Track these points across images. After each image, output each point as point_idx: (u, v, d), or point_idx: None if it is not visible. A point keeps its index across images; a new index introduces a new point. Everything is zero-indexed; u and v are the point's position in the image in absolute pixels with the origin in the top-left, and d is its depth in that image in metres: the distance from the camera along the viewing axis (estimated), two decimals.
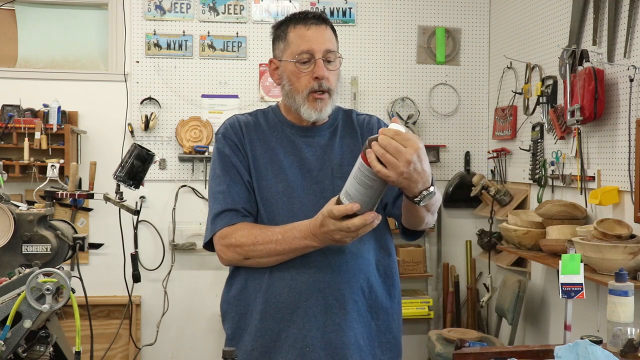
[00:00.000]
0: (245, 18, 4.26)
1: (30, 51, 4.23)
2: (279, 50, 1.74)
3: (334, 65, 1.71)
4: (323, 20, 1.72)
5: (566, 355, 1.59)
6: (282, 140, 1.75)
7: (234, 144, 1.74)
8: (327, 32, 1.71)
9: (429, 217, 1.65)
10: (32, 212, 2.41)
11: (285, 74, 1.73)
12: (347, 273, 1.66)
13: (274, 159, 1.72)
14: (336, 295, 1.65)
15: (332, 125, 1.79)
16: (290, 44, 1.70)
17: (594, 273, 2.65)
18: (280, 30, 1.74)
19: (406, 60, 4.40)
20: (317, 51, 1.68)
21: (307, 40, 1.68)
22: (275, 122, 1.79)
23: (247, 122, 1.78)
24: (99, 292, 3.99)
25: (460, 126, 4.45)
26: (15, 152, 3.91)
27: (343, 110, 1.86)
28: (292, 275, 1.65)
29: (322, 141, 1.76)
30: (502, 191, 3.96)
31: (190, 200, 4.24)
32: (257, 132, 1.77)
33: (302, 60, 1.68)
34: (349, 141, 1.78)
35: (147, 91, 4.19)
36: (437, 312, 4.40)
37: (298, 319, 1.65)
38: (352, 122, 1.82)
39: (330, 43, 1.71)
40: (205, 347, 4.26)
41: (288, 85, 1.72)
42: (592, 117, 2.91)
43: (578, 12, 3.19)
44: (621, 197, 2.87)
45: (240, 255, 1.66)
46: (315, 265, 1.65)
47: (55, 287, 1.61)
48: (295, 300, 1.65)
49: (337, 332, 1.65)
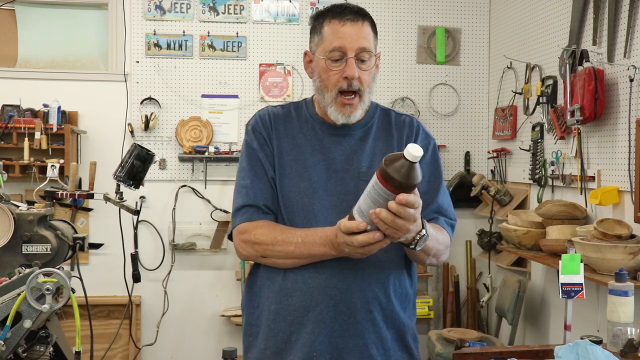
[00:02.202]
0: (245, 18, 4.26)
1: (30, 51, 4.23)
2: (314, 44, 1.69)
3: (368, 65, 1.65)
4: (361, 15, 1.64)
5: (566, 355, 1.59)
6: (310, 138, 1.71)
7: (262, 138, 1.71)
8: (364, 29, 1.63)
9: (431, 260, 1.66)
10: (32, 212, 2.41)
11: (317, 69, 1.67)
12: (361, 281, 1.63)
13: (299, 157, 1.68)
14: (347, 303, 1.63)
15: (367, 124, 1.73)
16: (324, 39, 1.64)
17: (594, 273, 2.65)
18: (317, 23, 1.68)
19: (406, 60, 4.40)
20: (349, 49, 1.61)
21: (340, 37, 1.61)
22: (306, 117, 1.74)
23: (277, 115, 1.74)
24: (99, 292, 3.99)
25: (460, 126, 4.45)
26: (15, 152, 3.92)
27: (381, 109, 1.79)
28: (304, 279, 1.64)
29: (352, 141, 1.70)
30: (502, 191, 3.96)
31: (190, 200, 4.24)
32: (287, 127, 1.73)
33: (334, 57, 1.62)
34: (382, 144, 1.72)
35: (147, 91, 4.19)
36: (437, 312, 4.40)
37: (308, 323, 1.63)
38: (390, 123, 1.75)
39: (366, 41, 1.63)
40: (205, 347, 4.26)
41: (318, 81, 1.67)
42: (592, 117, 2.91)
43: (578, 12, 3.19)
44: (621, 197, 2.87)
45: (257, 253, 1.65)
46: (328, 271, 1.62)
47: (55, 287, 1.61)
48: (307, 304, 1.63)
49: (344, 338, 1.63)
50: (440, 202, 1.73)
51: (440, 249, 1.66)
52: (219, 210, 4.22)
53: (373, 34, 1.67)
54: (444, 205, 1.74)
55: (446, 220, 1.73)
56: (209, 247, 4.20)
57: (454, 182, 4.35)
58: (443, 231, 1.69)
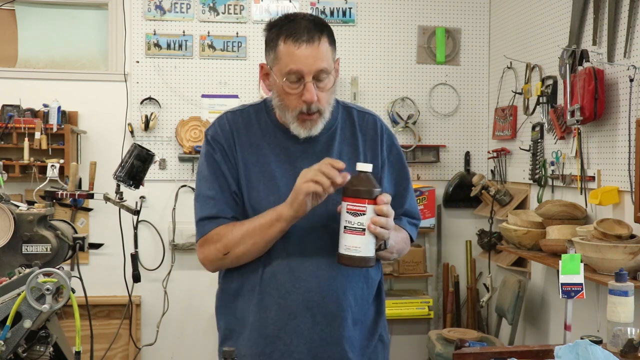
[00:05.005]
0: (245, 18, 4.26)
1: (30, 51, 4.23)
2: (270, 59, 1.63)
3: (327, 83, 1.60)
4: (318, 31, 1.58)
5: (566, 355, 1.59)
6: (274, 147, 1.68)
7: (224, 150, 1.68)
8: (321, 49, 1.57)
9: (394, 256, 1.74)
10: (32, 212, 2.41)
11: (274, 87, 1.64)
12: (335, 292, 1.65)
13: (265, 169, 1.65)
14: (324, 313, 1.64)
15: (330, 128, 1.71)
16: (280, 59, 1.58)
17: (594, 273, 2.65)
18: (271, 35, 1.62)
19: (406, 60, 4.40)
20: (306, 73, 1.56)
21: (296, 60, 1.55)
22: (267, 124, 1.70)
23: (237, 122, 1.71)
24: (99, 292, 3.99)
25: (460, 126, 4.45)
26: (15, 152, 3.91)
27: (342, 107, 1.76)
28: (281, 294, 1.64)
29: (318, 147, 1.67)
30: (502, 191, 3.96)
31: (190, 200, 4.16)
32: (249, 134, 1.69)
33: (291, 79, 1.58)
34: (348, 148, 1.71)
35: (147, 91, 4.19)
36: (437, 312, 4.40)
37: (285, 336, 1.64)
38: (353, 123, 1.74)
39: (323, 61, 1.57)
40: (205, 347, 4.26)
41: (277, 100, 1.64)
42: (592, 117, 2.91)
43: (578, 12, 3.19)
44: (621, 197, 2.87)
45: (219, 252, 1.63)
46: (304, 286, 1.63)
47: (55, 287, 1.61)
48: (284, 318, 1.64)
49: (323, 347, 1.65)
50: (407, 206, 1.79)
51: (401, 246, 1.74)
52: None
53: (331, 48, 1.62)
54: (410, 208, 1.80)
55: (409, 220, 1.80)
56: None
57: (454, 182, 4.35)
58: (401, 229, 1.75)
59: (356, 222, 1.49)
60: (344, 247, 1.51)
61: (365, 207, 1.49)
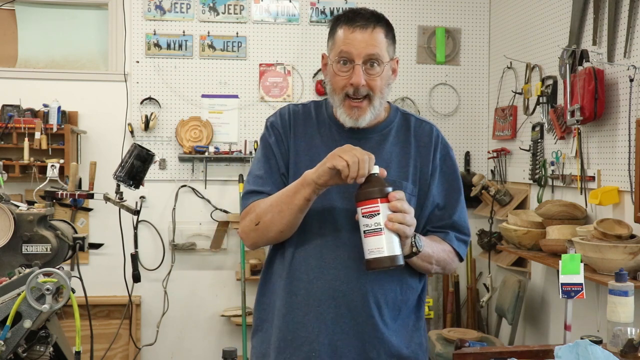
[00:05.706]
0: (245, 18, 4.26)
1: (30, 51, 4.23)
2: (329, 47, 1.71)
3: (377, 71, 1.63)
4: (374, 21, 1.64)
5: (566, 355, 1.59)
6: (327, 140, 1.72)
7: (279, 135, 1.74)
8: (374, 36, 1.62)
9: (435, 268, 1.69)
10: (32, 212, 2.41)
11: (328, 71, 1.69)
12: (363, 286, 1.64)
13: (315, 158, 1.64)
14: (349, 306, 1.64)
15: (385, 128, 1.73)
16: (335, 43, 1.65)
17: (594, 273, 2.65)
18: (332, 27, 1.69)
19: (406, 60, 4.40)
20: (356, 56, 1.61)
21: (349, 43, 1.62)
22: (324, 118, 1.75)
23: (297, 113, 1.76)
24: (99, 292, 3.99)
25: (460, 126, 4.45)
26: (15, 152, 3.92)
27: (401, 113, 1.79)
28: (309, 278, 1.65)
29: (369, 145, 1.67)
30: (502, 191, 3.96)
31: (190, 200, 4.24)
32: (305, 126, 1.75)
33: (342, 62, 1.63)
34: (399, 150, 1.72)
35: (147, 91, 4.19)
36: (437, 312, 4.40)
37: (309, 323, 1.65)
38: (409, 129, 1.75)
39: (375, 47, 1.62)
40: (205, 347, 4.26)
41: (329, 84, 1.69)
42: (592, 117, 2.91)
43: (578, 12, 3.19)
44: (621, 197, 2.87)
45: (252, 222, 1.67)
46: (334, 273, 1.64)
47: (55, 287, 1.61)
48: (309, 304, 1.65)
49: (344, 340, 1.64)
50: (456, 218, 1.75)
51: (442, 257, 1.69)
52: (219, 210, 4.22)
53: (386, 40, 1.66)
54: (459, 221, 1.76)
55: (457, 236, 1.75)
56: (209, 247, 4.20)
57: None
58: (440, 241, 1.72)
59: (373, 223, 1.48)
60: (367, 251, 1.50)
61: (378, 206, 1.48)
